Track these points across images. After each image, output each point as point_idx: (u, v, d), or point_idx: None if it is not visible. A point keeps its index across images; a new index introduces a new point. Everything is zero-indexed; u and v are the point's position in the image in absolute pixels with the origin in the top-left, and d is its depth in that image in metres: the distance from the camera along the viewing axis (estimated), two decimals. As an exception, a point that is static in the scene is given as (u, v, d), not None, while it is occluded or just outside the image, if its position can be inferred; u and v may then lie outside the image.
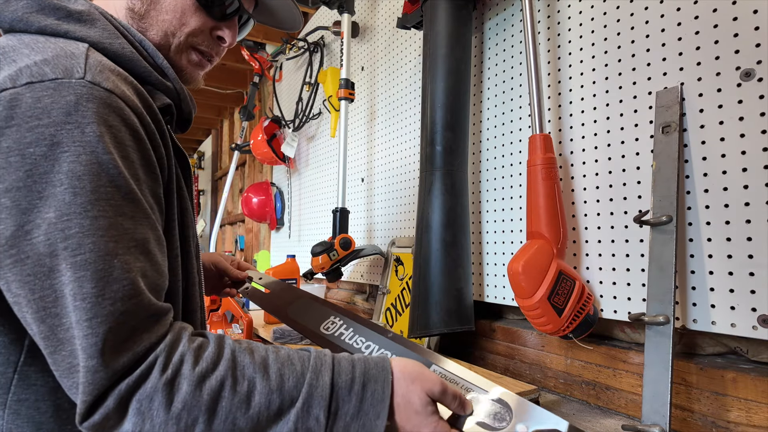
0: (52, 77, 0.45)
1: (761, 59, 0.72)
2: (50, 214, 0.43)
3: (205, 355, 0.48)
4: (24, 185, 0.43)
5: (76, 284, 0.43)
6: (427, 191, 1.18)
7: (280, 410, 0.48)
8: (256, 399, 0.47)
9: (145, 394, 0.44)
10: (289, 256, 1.82)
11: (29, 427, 0.49)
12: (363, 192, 1.87)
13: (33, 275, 0.43)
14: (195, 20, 0.63)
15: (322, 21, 2.33)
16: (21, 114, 0.43)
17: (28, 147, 0.43)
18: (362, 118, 1.92)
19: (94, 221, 0.44)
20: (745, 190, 0.73)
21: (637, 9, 0.90)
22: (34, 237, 0.43)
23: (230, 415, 0.46)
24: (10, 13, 0.51)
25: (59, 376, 0.45)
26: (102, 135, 0.45)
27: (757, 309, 0.71)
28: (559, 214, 0.93)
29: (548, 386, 1.06)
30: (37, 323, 0.44)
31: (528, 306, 0.89)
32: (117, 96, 0.48)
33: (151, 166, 0.52)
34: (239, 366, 0.48)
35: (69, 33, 0.52)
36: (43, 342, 0.45)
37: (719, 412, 0.76)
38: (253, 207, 2.77)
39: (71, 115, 0.44)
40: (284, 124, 2.56)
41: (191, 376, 0.45)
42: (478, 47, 1.31)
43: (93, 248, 0.43)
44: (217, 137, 4.89)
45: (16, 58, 0.47)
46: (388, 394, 0.51)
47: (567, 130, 1.03)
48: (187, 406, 0.45)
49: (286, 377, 0.49)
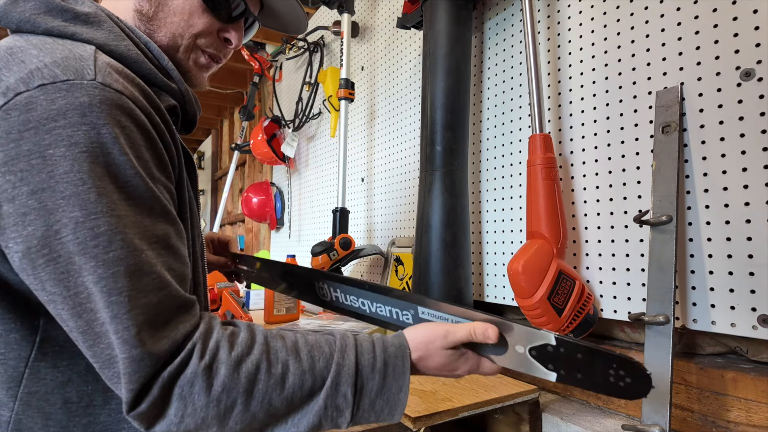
0: (64, 79, 0.46)
1: (761, 59, 0.72)
2: (76, 213, 0.44)
3: (239, 341, 0.50)
4: (48, 186, 0.44)
5: (111, 280, 0.45)
6: (427, 191, 1.18)
7: (312, 390, 0.51)
8: (290, 380, 0.50)
9: (186, 379, 0.46)
10: (289, 256, 1.82)
11: (39, 418, 0.51)
12: (363, 192, 1.87)
13: (66, 273, 0.45)
14: (202, 22, 0.64)
15: (322, 21, 2.33)
16: (37, 117, 0.44)
17: (48, 149, 0.44)
18: (362, 118, 1.92)
19: (120, 219, 0.46)
20: (745, 190, 0.73)
21: (637, 9, 0.90)
22: (63, 236, 0.44)
23: (266, 396, 0.49)
24: (18, 14, 0.52)
25: (99, 368, 0.47)
26: (117, 136, 0.46)
27: (757, 309, 0.71)
28: (559, 214, 0.93)
29: (548, 386, 1.06)
30: (74, 319, 0.46)
31: (528, 306, 0.89)
32: (127, 97, 0.49)
33: (164, 164, 0.53)
34: (272, 350, 0.51)
35: (76, 35, 0.52)
36: (81, 337, 0.46)
37: (719, 411, 0.76)
38: (253, 207, 2.77)
39: (86, 116, 0.45)
40: (284, 124, 2.56)
41: (228, 361, 0.48)
42: (478, 47, 1.31)
43: (122, 245, 0.45)
44: (217, 137, 4.89)
45: (24, 59, 0.47)
46: (408, 367, 0.55)
47: (567, 130, 1.03)
48: (226, 388, 0.47)
49: (316, 359, 0.52)
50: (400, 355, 0.55)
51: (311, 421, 0.51)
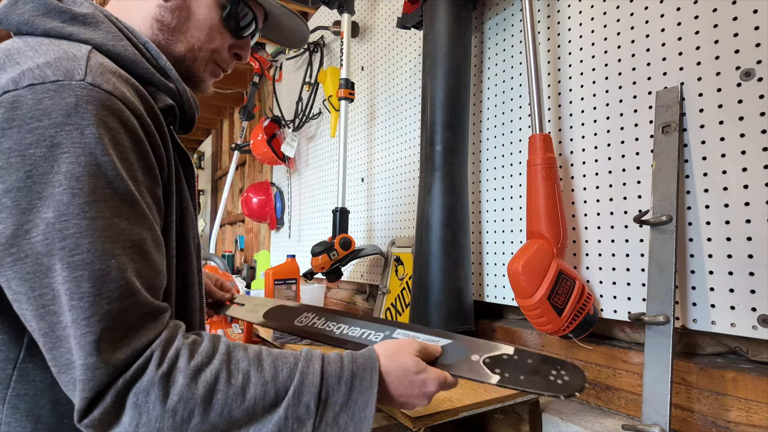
0: (53, 79, 0.46)
1: (761, 59, 0.72)
2: (49, 214, 0.44)
3: (200, 350, 0.49)
4: (24, 185, 0.44)
5: (73, 283, 0.44)
6: (427, 191, 1.18)
7: (276, 400, 0.49)
8: (251, 391, 0.48)
9: (142, 387, 0.45)
10: (289, 256, 1.81)
11: (28, 421, 0.50)
12: (363, 192, 1.88)
13: (32, 273, 0.44)
14: (219, 38, 0.67)
15: (322, 21, 2.33)
16: (22, 116, 0.44)
17: (29, 148, 0.44)
18: (362, 118, 1.92)
19: (92, 222, 0.45)
20: (745, 190, 0.73)
21: (637, 9, 0.90)
22: (32, 236, 0.44)
23: (226, 407, 0.47)
24: (17, 16, 0.53)
25: (57, 373, 0.46)
26: (101, 137, 0.46)
27: (757, 309, 0.71)
28: (559, 214, 0.93)
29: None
30: (36, 320, 0.45)
31: (528, 306, 0.89)
32: (117, 98, 0.48)
33: (150, 167, 0.52)
34: (234, 360, 0.50)
35: (73, 35, 0.53)
36: (42, 339, 0.45)
37: (719, 411, 0.76)
38: (253, 207, 2.77)
39: (71, 116, 0.45)
40: (284, 124, 2.56)
41: (186, 370, 0.47)
42: (478, 47, 1.31)
43: (90, 248, 0.44)
44: (217, 137, 4.89)
45: (19, 61, 0.48)
46: (376, 381, 0.53)
47: (567, 130, 1.03)
48: (183, 398, 0.46)
49: (279, 368, 0.51)
50: (369, 368, 0.54)
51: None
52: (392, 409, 0.79)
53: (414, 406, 0.58)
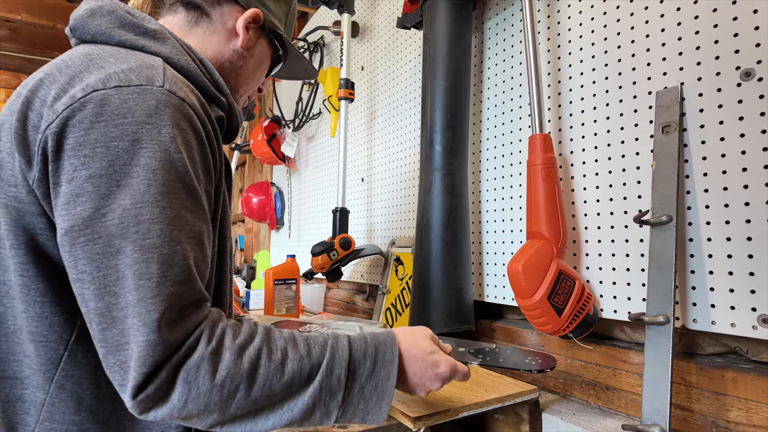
0: (137, 83, 0.52)
1: (761, 59, 0.72)
2: (126, 201, 0.48)
3: (242, 330, 0.54)
4: (105, 173, 0.49)
5: (143, 264, 0.48)
6: (427, 191, 1.18)
7: (310, 374, 0.54)
8: (289, 366, 0.53)
9: (192, 363, 0.48)
10: (289, 256, 1.82)
11: (72, 402, 0.54)
12: (363, 192, 1.87)
13: (101, 254, 0.48)
14: (261, 77, 0.80)
15: (321, 21, 2.33)
16: (109, 112, 0.50)
17: (113, 141, 0.49)
18: (362, 118, 1.92)
19: (163, 211, 0.49)
20: (745, 190, 0.73)
21: (637, 9, 0.90)
22: (108, 220, 0.48)
23: (267, 381, 0.52)
24: (95, 26, 0.59)
25: (104, 354, 0.48)
26: (175, 137, 0.52)
27: (757, 309, 0.71)
28: (559, 214, 0.93)
29: (548, 386, 1.06)
30: (95, 300, 0.48)
31: (528, 306, 0.89)
32: (188, 104, 0.55)
33: (208, 168, 0.58)
34: (272, 339, 0.55)
35: (145, 48, 0.59)
36: (97, 318, 0.48)
37: (719, 411, 0.76)
38: (253, 207, 2.76)
39: (151, 117, 0.51)
40: (284, 123, 2.56)
41: (232, 347, 0.51)
42: (478, 47, 1.31)
43: (160, 234, 0.49)
44: (217, 137, 4.88)
45: (104, 65, 0.53)
46: (397, 355, 0.60)
47: (567, 130, 1.03)
48: (230, 373, 0.50)
49: (312, 346, 0.56)
50: (389, 343, 0.60)
51: (306, 404, 0.53)
52: (392, 409, 0.79)
53: (427, 389, 0.63)
